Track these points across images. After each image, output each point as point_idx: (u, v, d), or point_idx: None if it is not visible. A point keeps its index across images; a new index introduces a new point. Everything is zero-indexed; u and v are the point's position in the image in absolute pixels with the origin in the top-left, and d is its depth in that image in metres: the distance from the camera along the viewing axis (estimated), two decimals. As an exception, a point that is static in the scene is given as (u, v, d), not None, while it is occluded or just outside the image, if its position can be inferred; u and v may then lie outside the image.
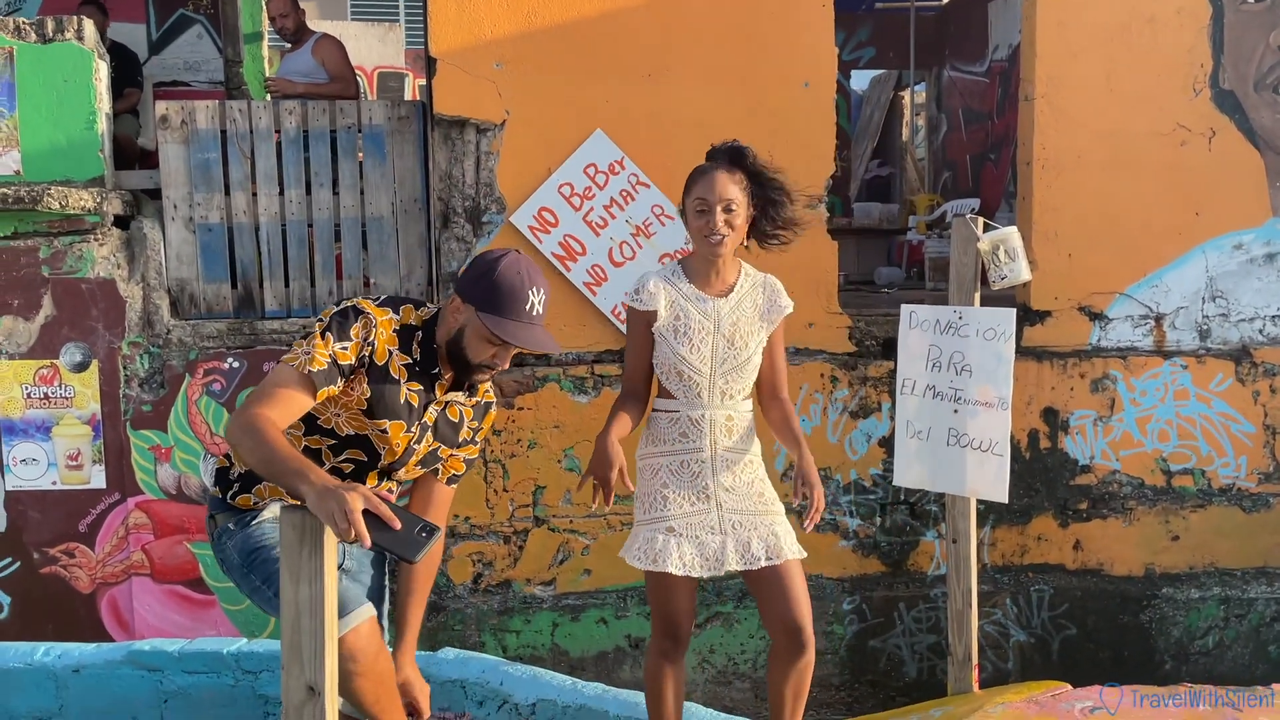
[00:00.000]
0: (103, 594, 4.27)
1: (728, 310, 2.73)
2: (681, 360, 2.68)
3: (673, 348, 2.68)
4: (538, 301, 2.24)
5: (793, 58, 4.34)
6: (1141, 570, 4.67)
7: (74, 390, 4.20)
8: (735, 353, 2.71)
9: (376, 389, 2.20)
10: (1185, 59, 4.53)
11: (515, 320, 2.20)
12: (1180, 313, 4.60)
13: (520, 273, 2.22)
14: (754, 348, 2.76)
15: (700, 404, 2.71)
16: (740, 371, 2.72)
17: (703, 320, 2.70)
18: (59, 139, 4.12)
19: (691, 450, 2.71)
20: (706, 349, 2.70)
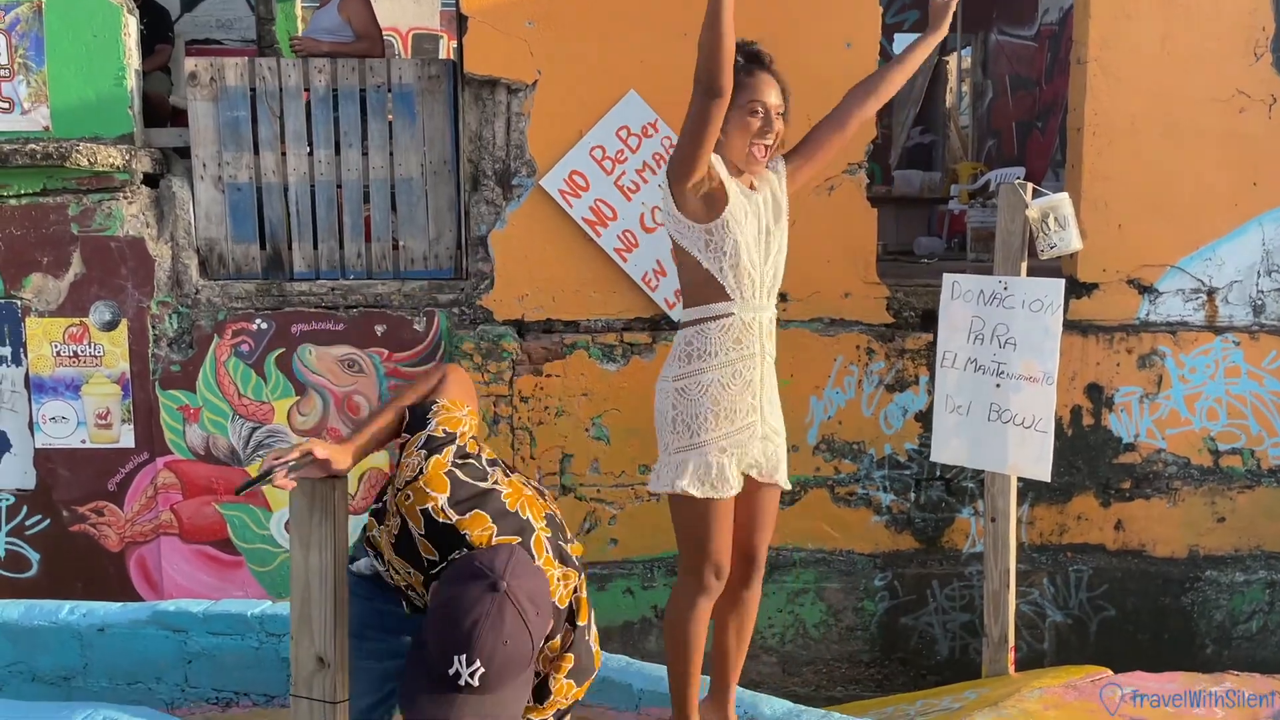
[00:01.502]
0: (131, 553, 4.28)
1: (761, 201, 2.63)
2: (746, 249, 2.54)
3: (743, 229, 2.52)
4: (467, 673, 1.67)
5: (835, 18, 4.19)
6: (1185, 552, 4.54)
7: (103, 349, 4.19)
8: (776, 242, 2.62)
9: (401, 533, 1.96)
10: (1246, 21, 4.32)
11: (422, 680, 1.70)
12: (1234, 287, 4.43)
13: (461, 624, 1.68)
14: (784, 229, 2.68)
15: (754, 304, 2.56)
16: (778, 260, 2.64)
17: (750, 211, 2.59)
18: (88, 95, 4.08)
19: (745, 357, 2.56)
20: (756, 238, 2.58)
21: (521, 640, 1.70)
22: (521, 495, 1.91)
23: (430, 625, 1.72)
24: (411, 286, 4.28)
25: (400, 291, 4.26)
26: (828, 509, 4.41)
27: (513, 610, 1.69)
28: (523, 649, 1.71)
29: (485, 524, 1.81)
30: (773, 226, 2.63)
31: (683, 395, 2.59)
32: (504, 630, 1.67)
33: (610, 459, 4.31)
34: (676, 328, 4.20)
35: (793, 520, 4.31)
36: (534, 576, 1.76)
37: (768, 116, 2.52)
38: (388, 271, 4.36)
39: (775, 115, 2.53)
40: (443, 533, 1.80)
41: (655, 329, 4.28)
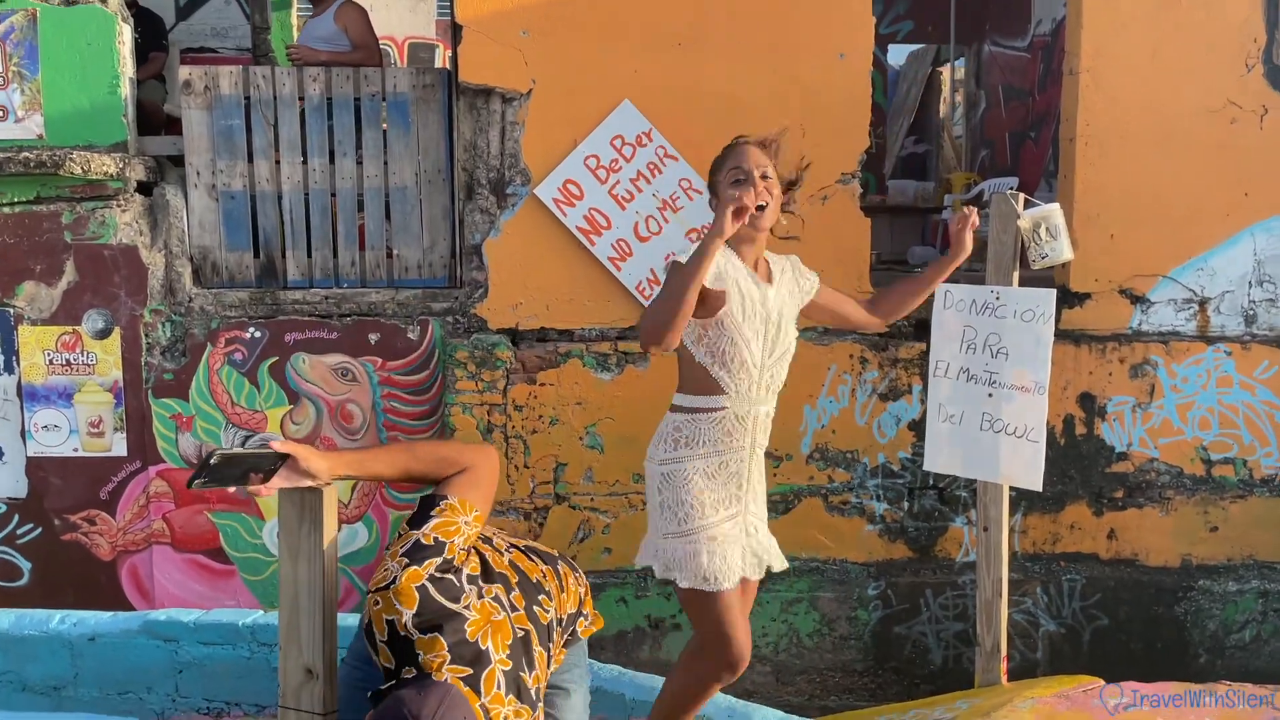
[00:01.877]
0: (123, 562, 4.27)
1: (774, 297, 2.60)
2: (745, 346, 2.52)
3: (740, 329, 2.51)
4: None
5: (828, 29, 4.21)
6: (1178, 561, 4.55)
7: (96, 357, 4.18)
8: (781, 340, 2.60)
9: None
10: (1237, 33, 4.35)
11: None
12: (1225, 297, 4.45)
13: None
14: (793, 333, 2.66)
15: (749, 398, 2.54)
16: (783, 361, 2.62)
17: (760, 306, 2.56)
18: (82, 103, 4.08)
19: (734, 450, 2.55)
20: (760, 338, 2.56)
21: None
22: (489, 621, 1.85)
23: None
24: (405, 295, 4.28)
25: (394, 300, 4.26)
26: (821, 518, 4.41)
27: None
28: None
29: (441, 650, 1.76)
30: (785, 324, 2.62)
31: (667, 481, 2.59)
32: None
33: (604, 468, 4.31)
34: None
35: (786, 529, 4.30)
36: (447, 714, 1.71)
37: (750, 179, 2.50)
38: (382, 280, 4.36)
39: (758, 177, 2.52)
40: (402, 645, 1.78)
41: (649, 338, 4.28)
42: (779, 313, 2.61)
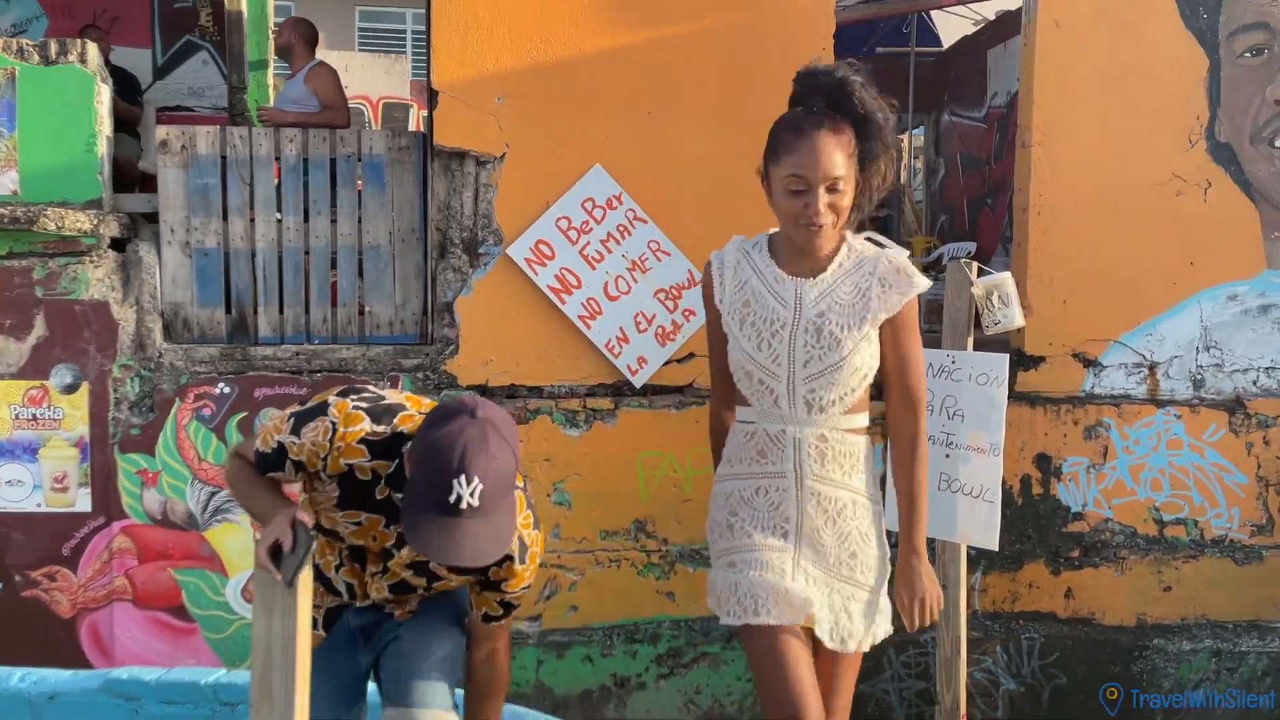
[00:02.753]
0: (83, 619, 4.22)
1: (814, 295, 2.12)
2: (748, 356, 2.14)
3: (737, 339, 2.14)
4: (468, 493, 1.78)
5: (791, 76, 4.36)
6: (1133, 620, 4.64)
7: (63, 412, 4.17)
8: (824, 351, 2.09)
9: (345, 488, 2.05)
10: (1182, 110, 4.56)
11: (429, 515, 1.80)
12: (1174, 362, 4.60)
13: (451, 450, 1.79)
14: (852, 347, 2.11)
15: (778, 415, 2.13)
16: (832, 377, 2.11)
17: (777, 306, 2.13)
18: (58, 160, 4.12)
19: (771, 475, 2.14)
20: (782, 344, 2.11)
21: (506, 459, 1.86)
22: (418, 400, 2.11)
23: (421, 465, 1.83)
24: (376, 351, 4.33)
25: (365, 356, 4.31)
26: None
27: (493, 432, 1.84)
28: (508, 467, 1.87)
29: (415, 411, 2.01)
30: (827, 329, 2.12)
31: (713, 502, 2.29)
32: (490, 450, 1.82)
33: (572, 525, 4.34)
34: (639, 394, 4.30)
35: (751, 587, 4.35)
36: (497, 408, 1.92)
37: (811, 193, 2.04)
38: (353, 336, 4.41)
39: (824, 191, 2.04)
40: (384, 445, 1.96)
41: (618, 395, 4.35)
42: (815, 316, 2.12)
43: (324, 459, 1.98)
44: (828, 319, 2.13)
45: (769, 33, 4.30)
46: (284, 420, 2.07)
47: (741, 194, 4.32)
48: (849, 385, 2.15)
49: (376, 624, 2.27)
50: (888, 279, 2.16)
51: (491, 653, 2.21)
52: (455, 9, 4.15)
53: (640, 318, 4.31)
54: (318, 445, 1.98)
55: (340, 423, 1.98)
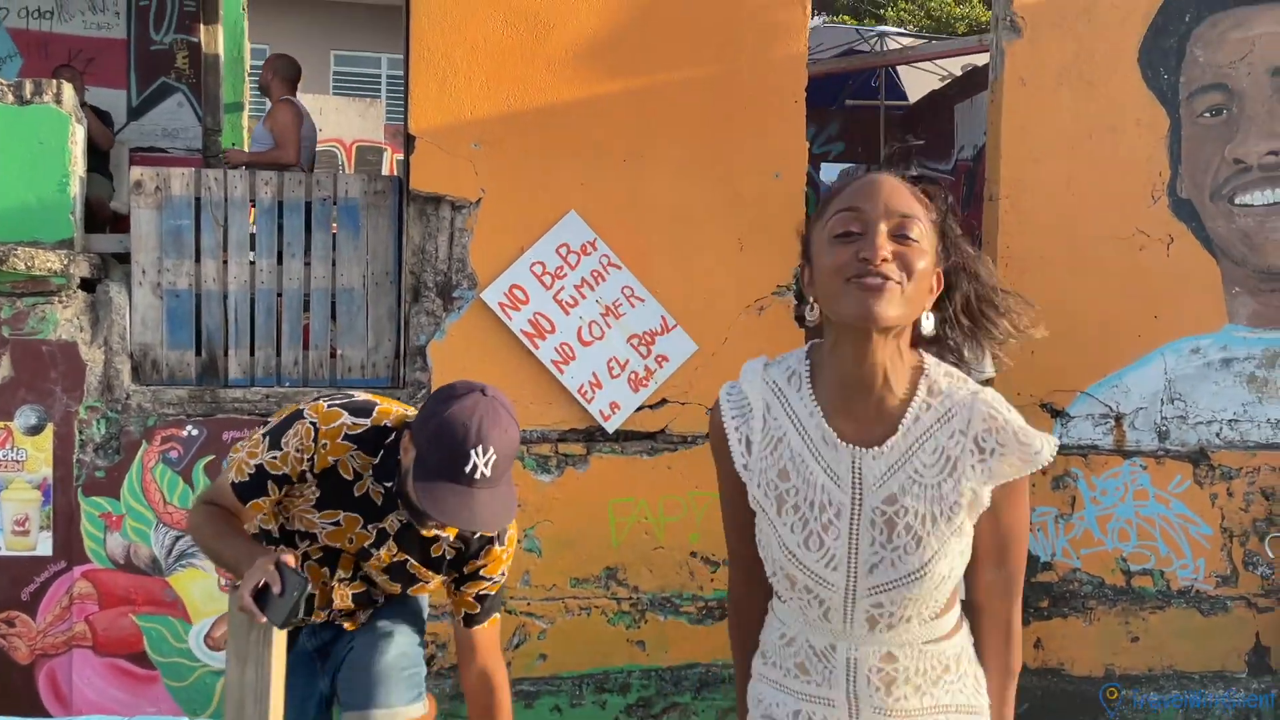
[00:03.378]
0: (41, 665, 4.12)
1: (883, 470, 1.45)
2: (789, 555, 1.47)
3: (774, 525, 1.48)
4: (483, 462, 1.87)
5: (765, 149, 4.43)
6: (1101, 671, 4.65)
7: (26, 453, 4.10)
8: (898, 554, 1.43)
9: (326, 487, 2.06)
10: (1144, 167, 4.67)
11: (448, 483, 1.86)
12: (1140, 413, 4.67)
13: (468, 422, 1.88)
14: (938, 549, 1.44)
15: (828, 630, 1.49)
16: (909, 590, 1.44)
17: (829, 484, 1.46)
18: (30, 200, 4.10)
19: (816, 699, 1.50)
20: (839, 541, 1.45)
21: (514, 433, 1.98)
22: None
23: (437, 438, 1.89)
24: (348, 395, 4.29)
25: (336, 400, 4.28)
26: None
27: (503, 409, 1.96)
28: (516, 438, 1.98)
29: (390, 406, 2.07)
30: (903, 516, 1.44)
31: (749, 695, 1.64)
32: (502, 423, 1.94)
33: (541, 571, 4.31)
34: (611, 440, 4.30)
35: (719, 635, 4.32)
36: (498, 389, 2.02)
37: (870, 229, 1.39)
38: (324, 379, 4.38)
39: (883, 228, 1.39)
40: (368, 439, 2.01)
41: (590, 440, 4.35)
42: (883, 502, 1.45)
43: (310, 459, 2.00)
44: (903, 507, 1.44)
45: (743, 84, 4.38)
46: (256, 444, 2.07)
47: (714, 242, 4.39)
48: (933, 598, 1.46)
49: (331, 642, 2.26)
50: (989, 442, 1.48)
51: (483, 673, 2.18)
52: (434, 56, 4.20)
53: (613, 363, 4.32)
54: (303, 448, 2.00)
55: (320, 421, 2.02)
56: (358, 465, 2.05)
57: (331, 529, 2.11)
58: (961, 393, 1.53)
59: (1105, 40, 4.60)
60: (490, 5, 4.21)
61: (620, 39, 4.30)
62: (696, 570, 4.40)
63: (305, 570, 2.15)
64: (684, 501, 4.36)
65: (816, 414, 1.48)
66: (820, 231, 1.47)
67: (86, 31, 6.74)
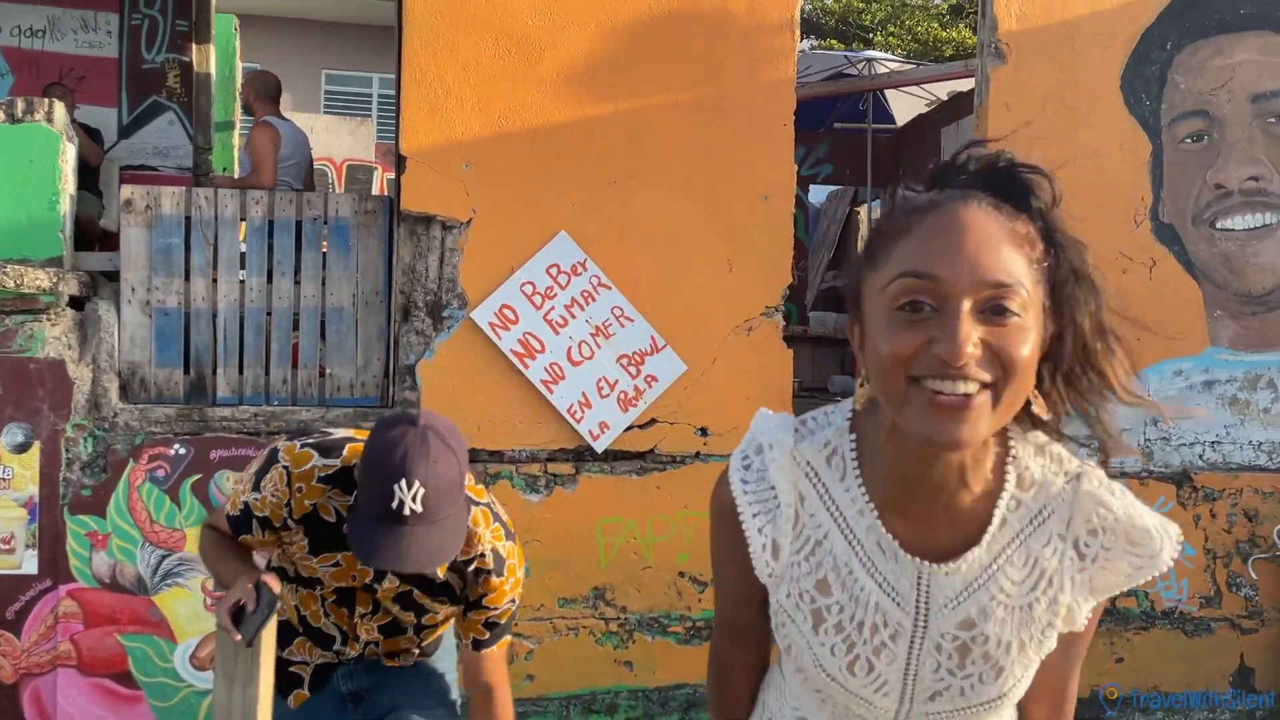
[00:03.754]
0: (26, 685, 4.08)
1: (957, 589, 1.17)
2: (830, 680, 1.21)
3: (807, 641, 1.21)
4: (409, 498, 1.73)
5: (753, 172, 4.47)
6: (1087, 692, 4.66)
7: (13, 471, 4.09)
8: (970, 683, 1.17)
9: (313, 533, 2.03)
10: (1127, 192, 4.73)
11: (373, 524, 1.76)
12: (1123, 435, 4.69)
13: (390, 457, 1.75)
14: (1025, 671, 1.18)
15: None
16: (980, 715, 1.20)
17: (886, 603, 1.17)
18: (19, 218, 4.10)
19: None
20: (893, 668, 1.18)
21: (449, 463, 1.80)
22: None
23: (364, 480, 1.81)
24: (336, 414, 4.30)
25: (324, 418, 4.28)
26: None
27: (435, 438, 1.79)
28: (452, 471, 1.80)
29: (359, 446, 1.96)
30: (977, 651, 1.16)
31: None
32: (431, 454, 1.77)
33: (530, 592, 4.29)
34: (600, 459, 4.31)
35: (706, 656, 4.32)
36: (441, 417, 1.89)
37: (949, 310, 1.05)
38: (313, 398, 4.38)
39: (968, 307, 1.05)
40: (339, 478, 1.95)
41: (579, 460, 4.36)
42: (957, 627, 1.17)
43: (288, 505, 1.97)
44: (982, 634, 1.15)
45: (732, 107, 4.43)
46: (247, 481, 2.07)
47: (704, 262, 4.42)
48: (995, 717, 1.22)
49: (369, 689, 2.22)
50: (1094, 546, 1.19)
51: (488, 690, 2.12)
52: (426, 77, 4.23)
53: (603, 383, 4.34)
54: (279, 493, 1.97)
55: (292, 464, 1.97)
56: (337, 505, 2.00)
57: (333, 570, 2.08)
58: (1059, 482, 1.19)
59: (1088, 67, 4.67)
60: (482, 28, 4.25)
61: (611, 62, 4.34)
62: (685, 590, 4.41)
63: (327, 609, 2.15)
64: (673, 521, 4.37)
65: (869, 513, 1.15)
66: (874, 283, 1.09)
67: (78, 50, 6.75)
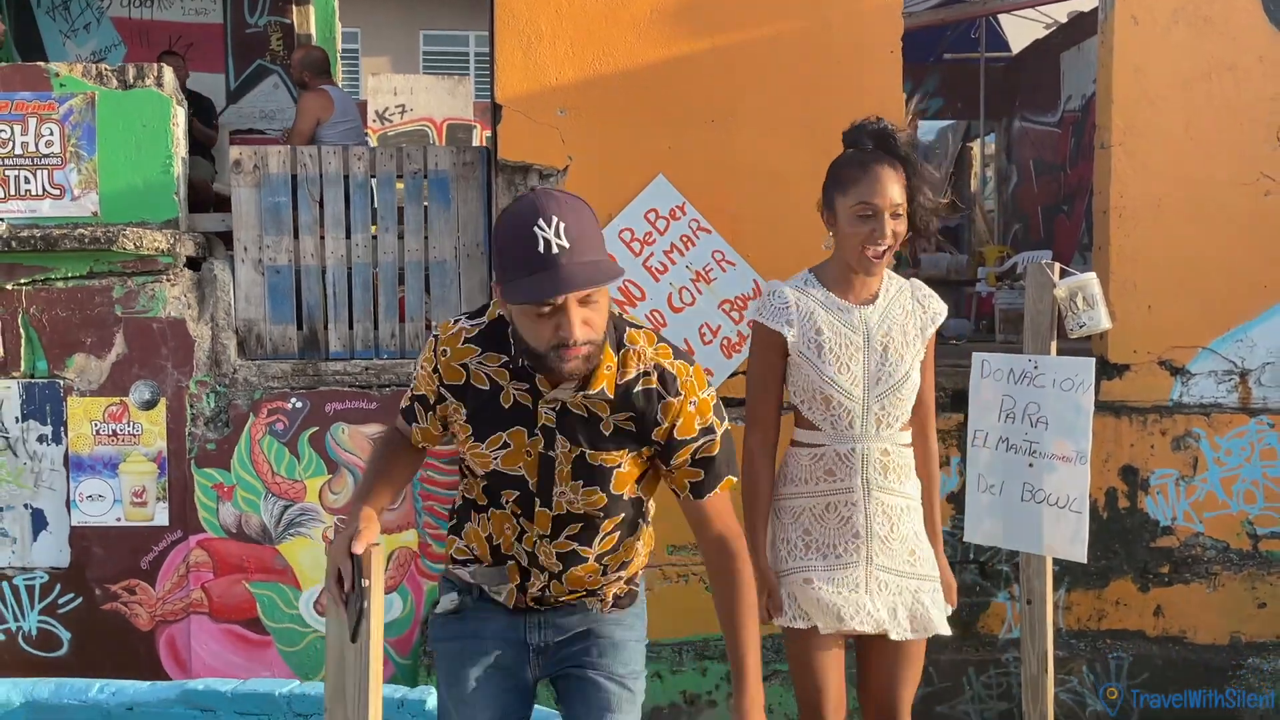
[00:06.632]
0: (161, 631, 4.29)
1: (877, 319, 2.38)
2: (830, 383, 2.33)
3: (818, 369, 2.33)
4: (552, 234, 1.70)
5: (859, 105, 4.26)
6: (1226, 639, 4.43)
7: (142, 428, 4.26)
8: (890, 369, 2.34)
9: (471, 406, 1.95)
10: (1268, 107, 4.38)
11: (530, 273, 1.70)
12: (1267, 369, 4.40)
13: (523, 210, 1.75)
14: (911, 361, 2.38)
15: (850, 435, 2.34)
16: (898, 392, 2.36)
17: (849, 333, 2.36)
18: (136, 182, 4.22)
19: (840, 490, 2.35)
20: (858, 367, 2.34)
21: (583, 209, 1.78)
22: None
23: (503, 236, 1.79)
24: (444, 366, 4.34)
25: (432, 371, 4.32)
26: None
27: (561, 193, 1.80)
28: (588, 215, 1.78)
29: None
30: (893, 348, 2.37)
31: (777, 519, 2.44)
32: (562, 200, 1.76)
33: (639, 539, 4.29)
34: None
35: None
36: None
37: (878, 218, 2.28)
38: (420, 351, 4.43)
39: (889, 217, 2.29)
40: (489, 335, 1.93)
41: (684, 409, 4.30)
42: (883, 336, 2.37)
43: (436, 371, 1.95)
44: (892, 338, 2.38)
45: (835, 39, 4.24)
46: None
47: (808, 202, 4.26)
48: (909, 400, 2.39)
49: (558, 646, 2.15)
50: (922, 298, 2.47)
51: (721, 542, 2.02)
52: (518, 22, 4.17)
53: (705, 329, 4.25)
54: (428, 361, 1.97)
55: (440, 332, 1.99)
56: (490, 372, 1.92)
57: (504, 454, 1.95)
58: (901, 278, 2.48)
59: (1225, -28, 4.31)
60: (574, -32, 4.16)
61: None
62: (796, 537, 4.33)
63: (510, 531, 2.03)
64: (782, 467, 4.28)
65: (830, 295, 2.40)
66: (843, 201, 2.36)
67: (185, 18, 6.94)
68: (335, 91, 5.78)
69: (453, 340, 1.96)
